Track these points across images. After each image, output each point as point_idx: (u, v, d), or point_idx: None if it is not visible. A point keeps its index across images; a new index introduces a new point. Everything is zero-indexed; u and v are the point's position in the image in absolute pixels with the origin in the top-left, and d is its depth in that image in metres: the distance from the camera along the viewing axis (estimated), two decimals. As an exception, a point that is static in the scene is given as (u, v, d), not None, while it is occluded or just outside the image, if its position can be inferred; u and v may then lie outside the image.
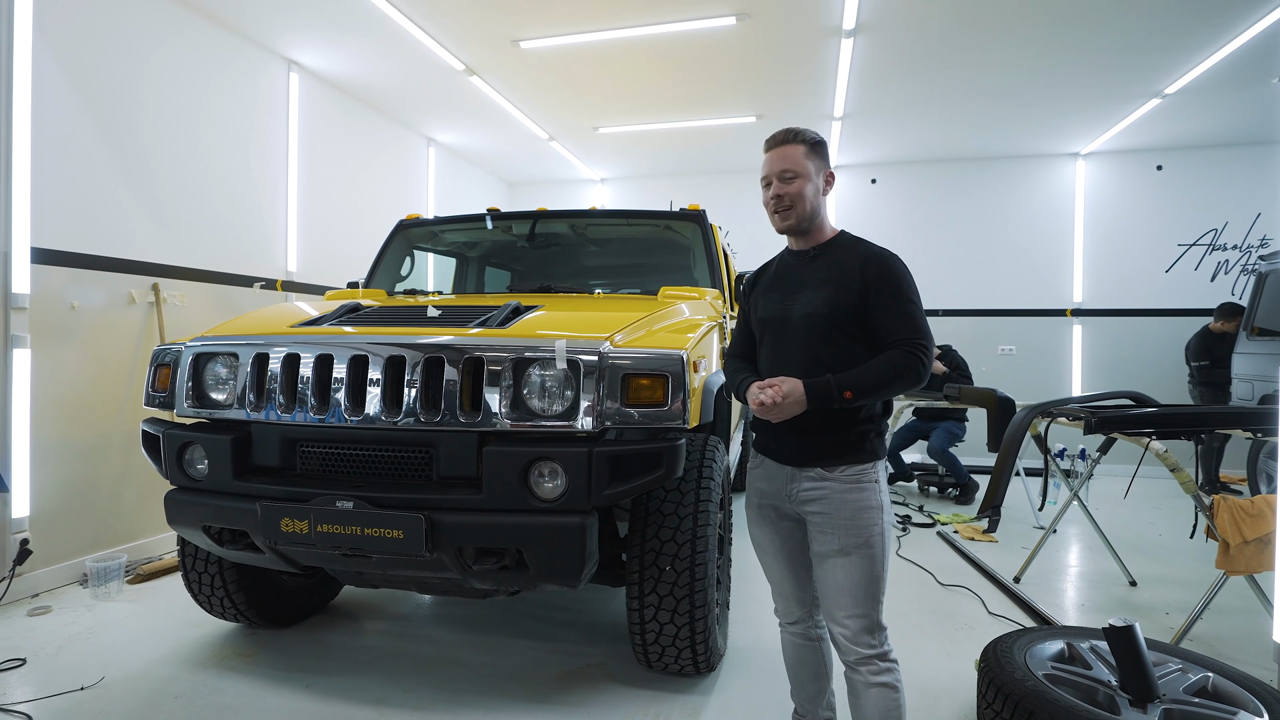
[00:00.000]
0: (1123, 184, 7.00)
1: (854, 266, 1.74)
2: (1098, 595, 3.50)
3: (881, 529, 1.68)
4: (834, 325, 1.72)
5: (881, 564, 1.68)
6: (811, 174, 1.78)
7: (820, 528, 1.71)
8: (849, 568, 1.67)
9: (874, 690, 1.67)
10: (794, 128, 1.81)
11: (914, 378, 1.64)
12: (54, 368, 3.43)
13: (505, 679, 2.52)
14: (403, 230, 3.89)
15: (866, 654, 1.67)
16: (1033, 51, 4.72)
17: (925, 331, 1.68)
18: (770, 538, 1.86)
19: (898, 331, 1.67)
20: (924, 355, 1.65)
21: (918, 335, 1.66)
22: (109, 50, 3.68)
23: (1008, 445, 3.41)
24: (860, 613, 1.67)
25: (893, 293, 1.70)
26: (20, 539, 3.25)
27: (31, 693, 2.39)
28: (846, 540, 1.67)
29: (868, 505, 1.68)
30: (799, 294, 1.80)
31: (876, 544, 1.67)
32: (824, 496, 1.70)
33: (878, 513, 1.68)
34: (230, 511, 2.17)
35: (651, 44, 4.63)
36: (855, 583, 1.67)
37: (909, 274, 1.75)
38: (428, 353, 2.10)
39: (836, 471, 1.70)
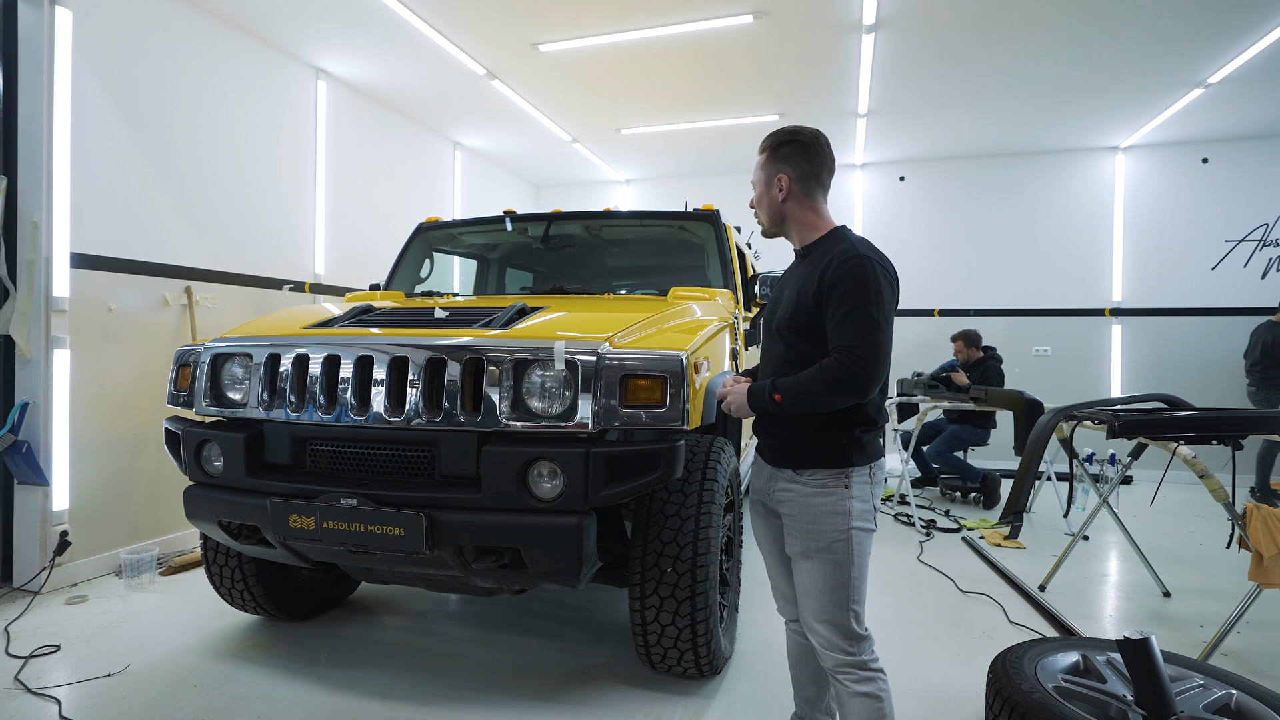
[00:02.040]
0: (1166, 178, 6.73)
1: (819, 269, 1.68)
2: (1128, 606, 3.37)
3: (846, 535, 1.65)
4: (794, 329, 1.72)
5: (847, 570, 1.65)
6: (763, 184, 1.81)
7: (789, 529, 1.74)
8: (812, 572, 1.68)
9: (855, 700, 1.65)
10: (770, 133, 1.82)
11: (848, 389, 1.57)
12: (92, 368, 3.59)
13: (510, 676, 2.55)
14: (422, 233, 3.96)
15: (842, 660, 1.66)
16: (1065, 42, 4.57)
17: (866, 339, 1.57)
18: (764, 533, 1.90)
19: (837, 338, 1.61)
20: (857, 364, 1.56)
21: (855, 343, 1.57)
22: (145, 63, 3.84)
23: (1031, 449, 3.31)
24: (827, 618, 1.67)
25: (841, 297, 1.60)
26: (60, 531, 3.41)
27: (63, 678, 2.51)
28: (808, 544, 1.68)
29: (831, 510, 1.66)
30: (784, 294, 1.81)
31: (840, 550, 1.65)
32: (791, 499, 1.72)
33: (842, 519, 1.65)
34: (243, 507, 2.24)
35: (669, 45, 4.63)
36: (819, 588, 1.67)
37: (870, 279, 1.61)
38: (430, 353, 2.14)
39: (805, 475, 1.70)
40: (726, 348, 2.87)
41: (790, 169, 1.76)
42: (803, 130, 1.79)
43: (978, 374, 5.59)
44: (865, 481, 1.69)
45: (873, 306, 1.59)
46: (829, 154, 1.79)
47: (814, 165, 1.77)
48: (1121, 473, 3.41)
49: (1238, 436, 2.75)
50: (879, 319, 1.59)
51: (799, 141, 1.77)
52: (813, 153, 1.77)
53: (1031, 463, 3.26)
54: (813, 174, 1.77)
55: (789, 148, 1.77)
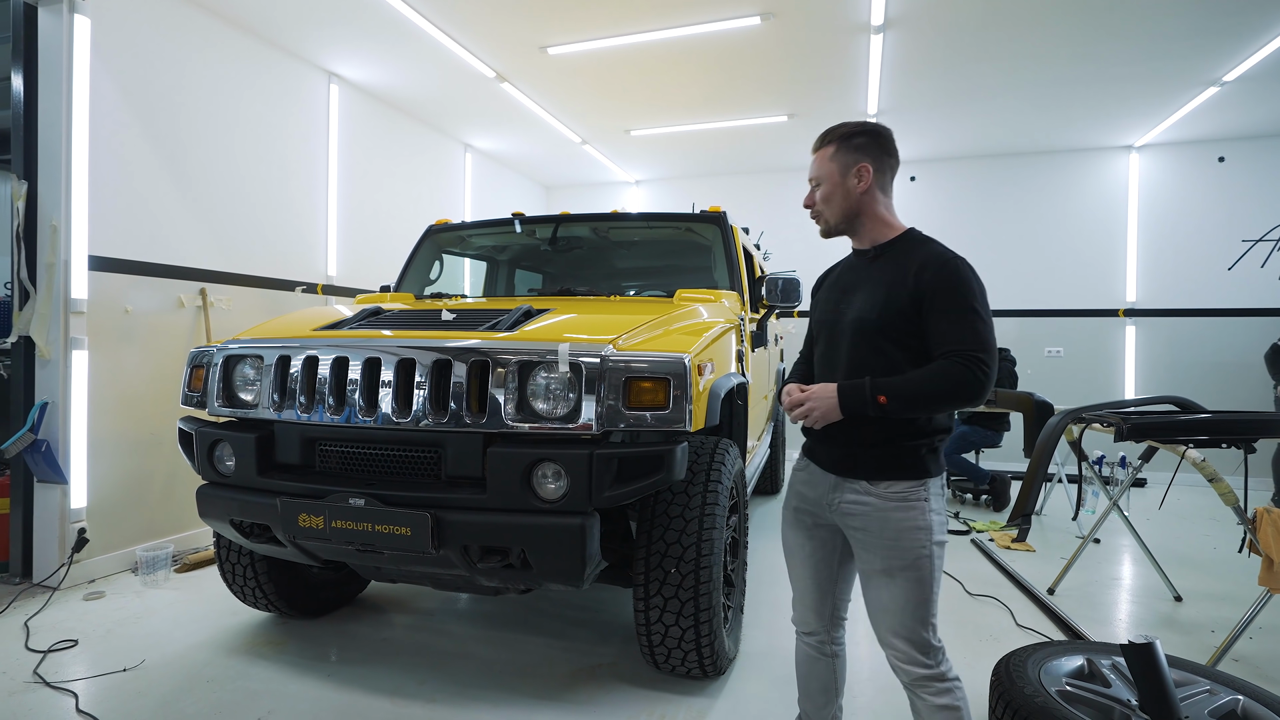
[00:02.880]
0: (1181, 177, 6.65)
1: (910, 269, 1.59)
2: (1138, 610, 3.35)
3: (930, 551, 1.57)
4: (881, 333, 1.60)
5: (930, 586, 1.58)
6: (837, 175, 1.68)
7: (863, 545, 1.63)
8: (893, 589, 1.59)
9: (939, 714, 1.59)
10: (832, 126, 1.72)
11: (969, 394, 1.48)
12: (109, 368, 3.66)
13: (516, 675, 2.57)
14: (431, 235, 4.00)
15: (921, 674, 1.59)
16: (1076, 41, 4.53)
17: (985, 343, 1.50)
18: (801, 544, 1.80)
19: (951, 341, 1.51)
20: (980, 368, 1.47)
21: (975, 346, 1.49)
22: (161, 69, 3.91)
23: (1039, 451, 3.29)
24: (906, 634, 1.59)
25: (949, 297, 1.53)
26: (78, 528, 3.48)
27: (80, 672, 2.56)
28: (890, 561, 1.58)
29: (914, 525, 1.56)
30: (853, 296, 1.70)
31: (924, 566, 1.56)
32: (866, 513, 1.61)
33: (925, 534, 1.56)
34: (254, 506, 2.28)
35: (677, 46, 4.64)
36: (900, 605, 1.58)
37: (974, 280, 1.57)
38: (437, 355, 2.17)
39: (881, 487, 1.59)
40: (733, 349, 2.88)
41: (870, 159, 1.66)
42: (871, 123, 1.72)
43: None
44: (939, 493, 1.62)
45: (982, 308, 1.55)
46: (897, 150, 1.73)
47: (890, 158, 1.70)
48: (1132, 475, 3.38)
49: (1250, 440, 2.73)
50: (988, 320, 1.54)
51: (874, 133, 1.68)
52: (888, 144, 1.70)
53: (1040, 465, 3.24)
54: (889, 166, 1.70)
55: (863, 138, 1.67)
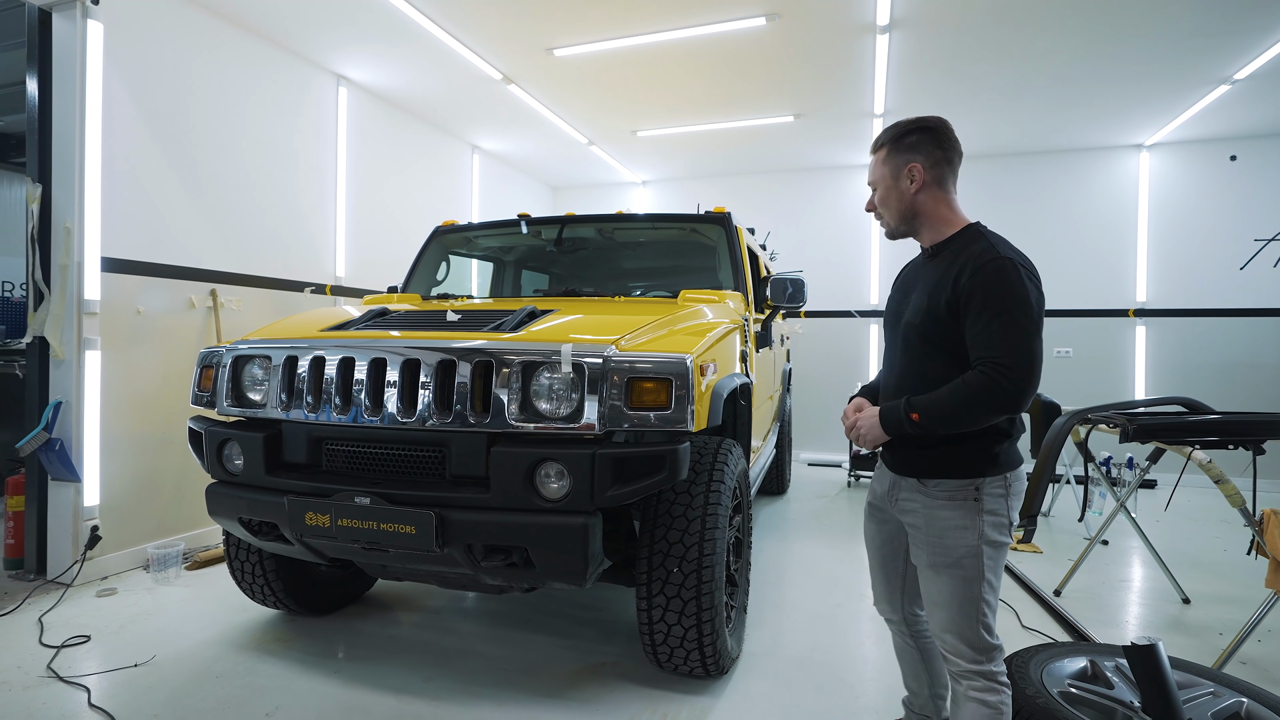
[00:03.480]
0: (1192, 176, 6.59)
1: (954, 271, 1.56)
2: (1146, 612, 3.33)
3: (976, 551, 1.56)
4: (923, 337, 1.61)
5: (977, 586, 1.57)
6: (890, 178, 1.68)
7: (914, 540, 1.68)
8: (939, 584, 1.62)
9: (970, 705, 1.61)
10: (887, 127, 1.73)
11: (997, 404, 1.46)
12: (122, 368, 3.71)
13: (520, 673, 2.59)
14: (438, 236, 4.03)
15: (969, 668, 1.61)
16: (1083, 40, 4.51)
17: (1017, 349, 1.45)
18: (873, 535, 1.89)
19: (981, 348, 1.49)
20: (1005, 376, 1.43)
21: (1002, 353, 1.45)
22: (172, 73, 3.96)
23: (1045, 452, 3.28)
24: (954, 630, 1.61)
25: (983, 303, 1.49)
26: (91, 526, 3.53)
27: (92, 667, 2.60)
28: (935, 557, 1.61)
29: (959, 525, 1.57)
30: (910, 297, 1.70)
31: (969, 566, 1.57)
32: (916, 510, 1.65)
33: (971, 533, 1.56)
34: (262, 504, 2.31)
35: (683, 47, 4.65)
36: (946, 600, 1.61)
37: (1016, 282, 1.49)
38: (441, 356, 2.19)
39: (930, 485, 1.62)
40: (736, 350, 2.89)
41: (922, 157, 1.64)
42: (926, 118, 1.67)
43: None
44: (1000, 494, 1.59)
45: (1019, 312, 1.48)
46: (957, 140, 1.68)
47: (946, 151, 1.65)
48: (1139, 477, 3.36)
49: (1258, 441, 2.71)
50: (1027, 325, 1.47)
51: (926, 129, 1.66)
52: (943, 137, 1.66)
53: (1045, 466, 3.23)
54: (945, 160, 1.66)
55: (915, 135, 1.66)
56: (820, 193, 7.69)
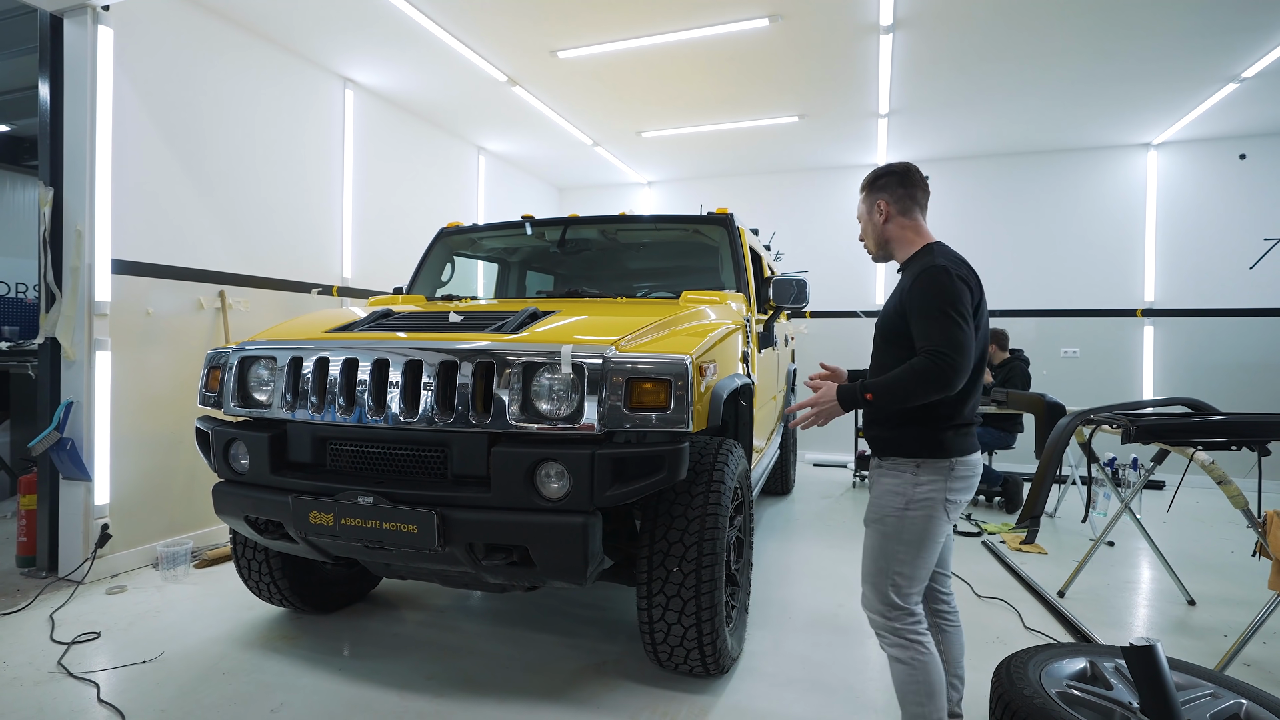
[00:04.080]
0: (1201, 174, 6.54)
1: (907, 281, 1.91)
2: (1150, 614, 3.32)
3: (900, 514, 1.86)
4: (885, 335, 1.97)
5: (894, 544, 1.86)
6: (865, 214, 2.07)
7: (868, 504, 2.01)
8: (868, 538, 1.94)
9: (890, 662, 1.88)
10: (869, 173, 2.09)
11: (936, 383, 1.73)
12: (132, 369, 3.76)
13: (523, 671, 2.61)
14: (443, 238, 4.06)
15: (876, 620, 1.90)
16: (1089, 38, 4.49)
17: (949, 339, 1.74)
18: None
19: (921, 339, 1.80)
20: (943, 361, 1.72)
21: (939, 343, 1.74)
22: (181, 77, 4.01)
23: (1048, 453, 3.27)
24: (870, 581, 1.90)
25: (920, 303, 1.82)
26: (101, 524, 3.58)
27: (102, 663, 2.65)
28: (869, 514, 1.95)
29: (892, 490, 1.89)
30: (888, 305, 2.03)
31: (890, 524, 1.87)
32: (873, 479, 1.99)
33: (899, 499, 1.87)
34: (267, 503, 2.34)
35: (687, 49, 4.66)
36: (869, 553, 1.92)
37: (943, 285, 1.80)
38: (443, 357, 2.21)
39: (884, 461, 1.95)
40: (738, 350, 2.90)
41: (887, 195, 2.01)
42: (894, 164, 2.06)
43: (1003, 375, 5.51)
44: (938, 477, 1.85)
45: (949, 308, 1.76)
46: (921, 179, 2.03)
47: (909, 188, 2.01)
48: (1144, 478, 3.35)
49: (1261, 442, 2.69)
50: (956, 318, 1.76)
51: (893, 172, 2.03)
52: (906, 178, 2.02)
53: (1049, 466, 3.23)
54: (909, 195, 2.00)
55: (884, 179, 2.03)
56: (825, 193, 7.68)
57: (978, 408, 1.97)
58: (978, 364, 1.89)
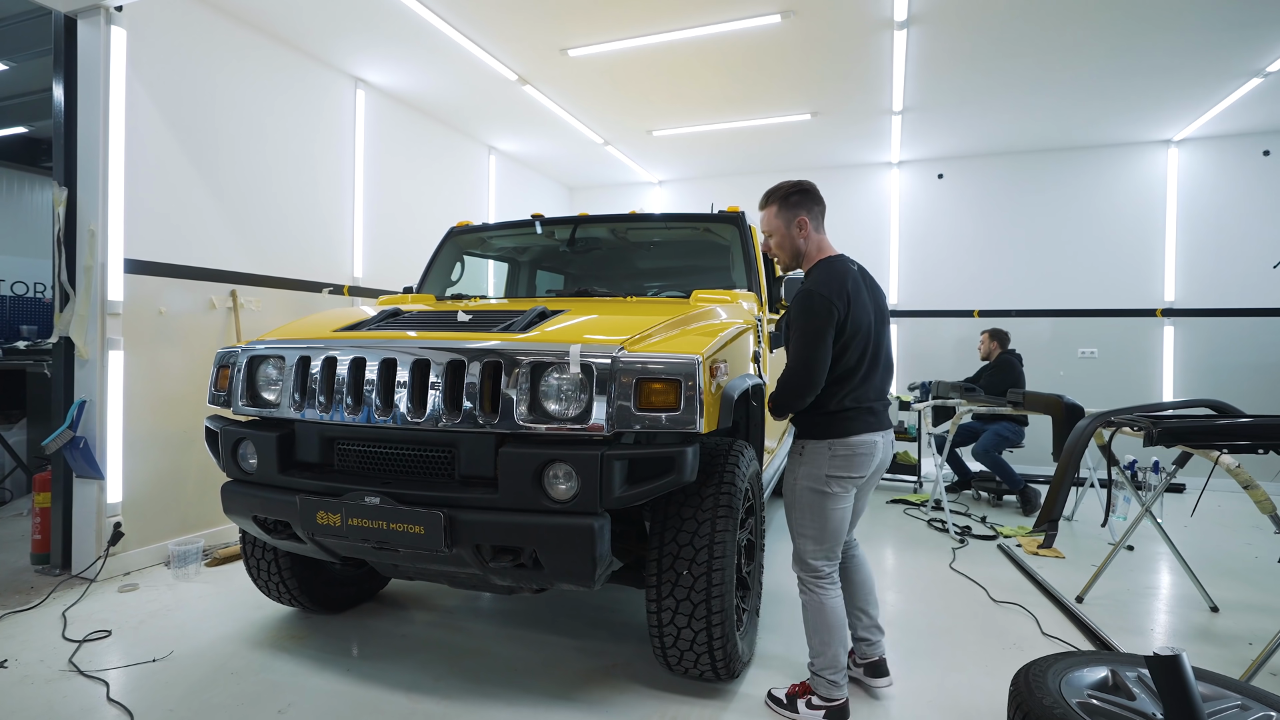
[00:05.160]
0: (1223, 171, 6.42)
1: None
2: (1172, 620, 3.24)
3: (794, 487, 2.26)
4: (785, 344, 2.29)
5: (795, 512, 2.28)
6: (783, 228, 2.26)
7: None
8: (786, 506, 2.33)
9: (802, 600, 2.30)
10: (772, 188, 2.27)
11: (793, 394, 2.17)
12: (144, 367, 3.78)
13: (531, 673, 2.59)
14: (453, 237, 4.05)
15: (797, 572, 2.32)
16: (1109, 33, 4.41)
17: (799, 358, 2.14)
18: None
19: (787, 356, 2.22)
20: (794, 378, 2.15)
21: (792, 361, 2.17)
22: (193, 77, 4.02)
23: (1068, 455, 3.20)
24: (792, 539, 2.32)
25: (790, 322, 2.18)
26: (114, 522, 3.60)
27: (112, 661, 2.65)
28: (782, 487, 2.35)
29: (790, 469, 2.30)
30: None
31: (787, 493, 2.31)
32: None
33: (792, 475, 2.28)
34: (275, 503, 2.33)
35: (698, 46, 4.63)
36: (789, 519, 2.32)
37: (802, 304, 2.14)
38: (451, 356, 2.19)
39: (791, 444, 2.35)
40: (749, 350, 2.86)
41: (805, 212, 2.22)
42: (798, 180, 2.25)
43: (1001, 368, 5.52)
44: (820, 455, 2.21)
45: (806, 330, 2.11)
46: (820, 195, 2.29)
47: (820, 205, 2.24)
48: (1165, 481, 3.27)
49: (1288, 445, 2.61)
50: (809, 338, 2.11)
51: (805, 190, 2.23)
52: (815, 196, 2.24)
53: (1067, 469, 3.16)
54: (820, 213, 2.25)
55: (797, 196, 2.22)
56: (838, 191, 7.60)
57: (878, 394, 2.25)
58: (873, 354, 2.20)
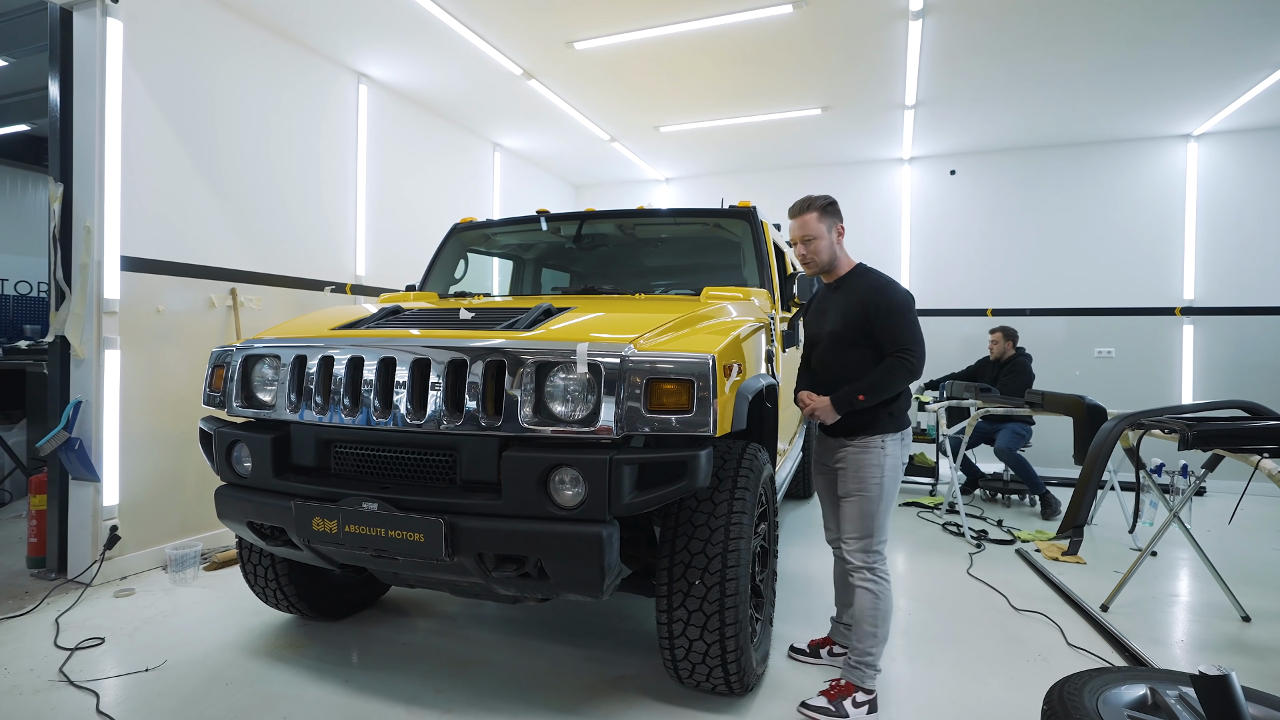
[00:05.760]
0: (1245, 166, 6.26)
1: (860, 295, 2.39)
2: (1202, 631, 3.11)
3: (878, 478, 2.35)
4: (847, 339, 2.41)
5: (874, 501, 2.35)
6: (825, 233, 2.45)
7: (842, 478, 2.44)
8: (854, 505, 2.39)
9: (860, 593, 2.36)
10: (807, 198, 2.46)
11: (907, 375, 2.30)
12: (142, 367, 3.70)
13: (536, 685, 2.49)
14: (456, 234, 3.95)
15: (858, 565, 2.37)
16: (1129, 23, 4.28)
17: (913, 339, 2.32)
18: (822, 486, 2.63)
19: (891, 344, 2.33)
20: (910, 358, 2.30)
21: (906, 344, 2.31)
22: (192, 71, 3.94)
23: (1093, 458, 3.08)
24: (858, 535, 2.38)
25: (886, 314, 2.33)
26: (110, 525, 3.52)
27: (104, 671, 2.57)
28: (853, 486, 2.39)
29: (873, 464, 2.36)
30: (826, 316, 2.50)
31: (862, 486, 2.36)
32: (845, 457, 2.42)
33: (878, 469, 2.36)
34: (270, 508, 2.24)
35: (707, 38, 4.52)
36: (857, 515, 2.38)
37: (903, 297, 2.37)
38: (452, 355, 2.10)
39: (855, 440, 2.40)
40: (762, 349, 2.75)
41: (839, 220, 2.49)
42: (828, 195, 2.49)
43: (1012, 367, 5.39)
44: (896, 444, 2.40)
45: (909, 314, 2.35)
46: None
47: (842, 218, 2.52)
48: (1195, 485, 3.15)
49: (1331, 449, 2.49)
50: (915, 322, 2.36)
51: (835, 202, 2.48)
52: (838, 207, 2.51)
53: (1093, 473, 3.04)
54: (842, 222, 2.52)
55: (834, 207, 2.47)
56: (848, 188, 7.48)
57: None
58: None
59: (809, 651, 2.73)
